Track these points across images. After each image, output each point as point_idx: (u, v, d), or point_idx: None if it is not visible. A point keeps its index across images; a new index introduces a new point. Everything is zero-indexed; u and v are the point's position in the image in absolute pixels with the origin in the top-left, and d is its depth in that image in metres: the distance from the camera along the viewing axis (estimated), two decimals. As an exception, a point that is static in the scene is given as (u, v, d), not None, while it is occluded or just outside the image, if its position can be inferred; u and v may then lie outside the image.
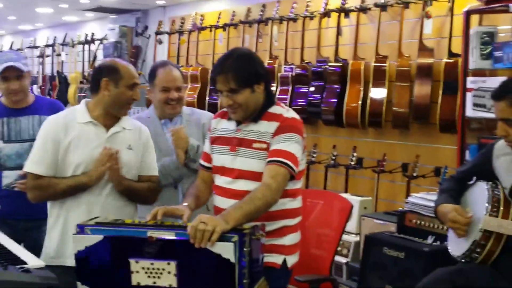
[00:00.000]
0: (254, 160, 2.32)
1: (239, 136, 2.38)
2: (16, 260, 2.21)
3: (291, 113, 2.38)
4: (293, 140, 2.30)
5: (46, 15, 9.17)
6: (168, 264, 1.98)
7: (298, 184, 2.42)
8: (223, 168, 2.39)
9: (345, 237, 3.98)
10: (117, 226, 2.11)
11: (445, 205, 2.41)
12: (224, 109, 2.45)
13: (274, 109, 2.38)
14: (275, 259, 2.36)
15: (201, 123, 3.00)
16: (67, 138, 2.52)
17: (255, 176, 2.29)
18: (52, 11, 8.61)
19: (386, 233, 3.56)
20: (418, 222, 3.48)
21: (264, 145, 2.32)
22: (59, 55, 9.44)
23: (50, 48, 9.73)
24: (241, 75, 2.28)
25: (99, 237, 2.04)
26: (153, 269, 1.99)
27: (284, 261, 2.38)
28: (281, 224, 2.36)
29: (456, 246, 2.42)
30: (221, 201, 2.38)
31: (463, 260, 2.37)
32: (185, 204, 2.34)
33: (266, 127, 2.34)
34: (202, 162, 2.55)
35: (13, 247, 2.40)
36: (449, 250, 2.48)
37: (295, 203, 2.42)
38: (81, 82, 8.59)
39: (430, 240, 3.32)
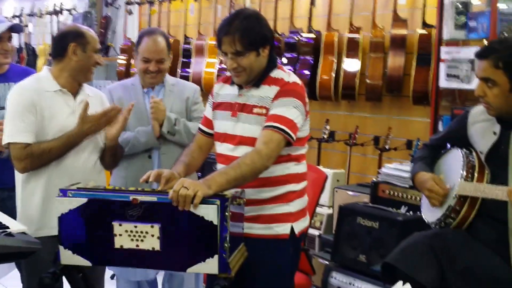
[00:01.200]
0: (254, 126, 2.28)
1: (241, 101, 2.34)
2: None
3: (292, 77, 2.33)
4: (292, 104, 2.24)
5: None
6: (152, 227, 2.00)
7: (303, 150, 2.38)
8: (225, 135, 2.35)
9: (318, 209, 3.95)
10: (99, 191, 2.12)
11: (423, 173, 2.41)
12: (227, 74, 2.40)
13: (275, 73, 2.33)
14: (283, 229, 2.34)
15: (185, 96, 2.96)
16: (42, 107, 2.51)
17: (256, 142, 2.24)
18: None
19: (360, 204, 3.58)
20: (391, 192, 3.53)
21: (264, 110, 2.27)
22: (26, 26, 9.20)
23: (17, 19, 9.48)
24: (248, 37, 2.22)
25: (83, 200, 2.05)
26: (136, 232, 2.02)
27: (292, 229, 2.35)
28: (286, 189, 2.32)
29: (430, 213, 2.43)
30: None
31: (437, 226, 2.39)
32: (175, 171, 2.31)
33: (266, 91, 2.29)
34: (201, 126, 2.51)
35: None
36: (423, 216, 2.49)
37: (300, 167, 2.37)
38: (50, 54, 8.39)
39: (403, 210, 3.35)
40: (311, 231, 4.03)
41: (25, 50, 8.98)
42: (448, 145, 2.50)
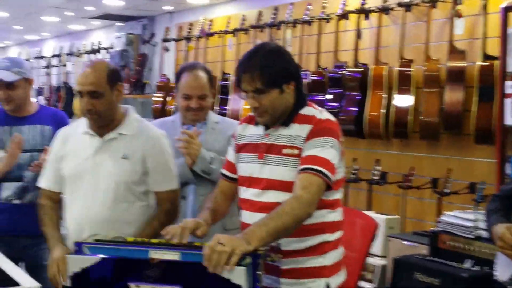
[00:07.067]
0: (284, 168, 2.13)
1: (268, 142, 2.19)
2: (9, 281, 2.14)
3: (325, 114, 2.18)
4: (329, 144, 2.10)
5: (52, 24, 9.15)
6: None
7: (338, 194, 2.22)
8: (250, 178, 2.22)
9: (369, 260, 3.84)
10: (117, 244, 1.98)
11: (500, 225, 2.22)
12: (251, 114, 2.28)
13: (306, 111, 2.18)
14: (317, 284, 2.15)
15: (228, 134, 2.75)
16: (64, 150, 2.50)
17: (286, 186, 2.10)
18: (58, 19, 8.58)
19: (417, 256, 3.41)
20: (453, 244, 3.34)
21: (296, 151, 2.12)
22: (65, 65, 9.37)
23: (57, 58, 9.67)
24: (268, 73, 2.10)
25: (97, 258, 1.91)
26: None
27: (327, 286, 2.16)
28: (320, 239, 2.15)
29: (506, 269, 2.24)
30: (248, 216, 2.19)
31: (509, 286, 2.19)
32: (201, 219, 2.18)
33: (297, 130, 2.15)
34: (224, 171, 2.38)
35: (7, 267, 2.34)
36: (496, 274, 2.30)
37: (335, 215, 2.21)
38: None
39: (468, 264, 3.16)
40: (363, 284, 3.82)
41: (63, 89, 9.07)
42: None
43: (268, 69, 2.09)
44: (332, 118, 2.18)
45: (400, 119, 4.31)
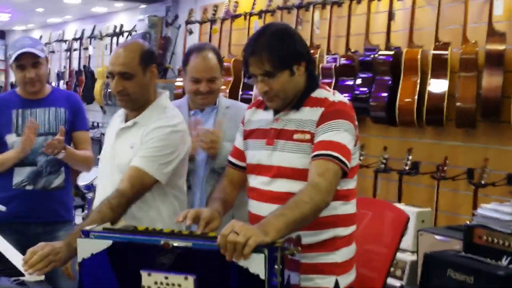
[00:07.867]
0: (295, 154, 2.09)
1: (277, 127, 2.13)
2: (13, 271, 2.13)
3: (338, 96, 2.14)
4: (343, 127, 2.04)
5: (75, 6, 9.08)
6: (186, 279, 1.81)
7: (351, 184, 2.17)
8: (259, 166, 2.19)
9: (399, 255, 3.68)
10: (126, 233, 1.96)
11: None
12: (260, 98, 2.24)
13: (318, 93, 2.14)
14: (326, 281, 2.13)
15: (240, 119, 2.64)
16: (107, 132, 2.57)
17: (297, 173, 2.07)
18: (80, 1, 8.52)
19: (450, 252, 3.28)
20: (490, 239, 3.23)
21: (307, 136, 2.07)
22: (86, 48, 9.32)
23: (78, 41, 9.64)
24: (277, 54, 2.05)
25: (108, 242, 1.89)
26: (167, 284, 1.84)
27: (336, 284, 2.14)
28: (332, 233, 2.13)
29: None
30: (256, 206, 2.18)
31: None
32: (215, 211, 2.15)
33: (308, 114, 2.10)
34: (231, 159, 2.34)
35: (12, 256, 2.31)
36: None
37: (349, 207, 2.17)
38: (108, 77, 8.33)
39: (505, 261, 3.02)
40: (391, 280, 3.68)
41: (83, 73, 9.02)
42: None
43: (277, 49, 2.04)
44: (345, 100, 2.13)
45: (434, 105, 4.20)
